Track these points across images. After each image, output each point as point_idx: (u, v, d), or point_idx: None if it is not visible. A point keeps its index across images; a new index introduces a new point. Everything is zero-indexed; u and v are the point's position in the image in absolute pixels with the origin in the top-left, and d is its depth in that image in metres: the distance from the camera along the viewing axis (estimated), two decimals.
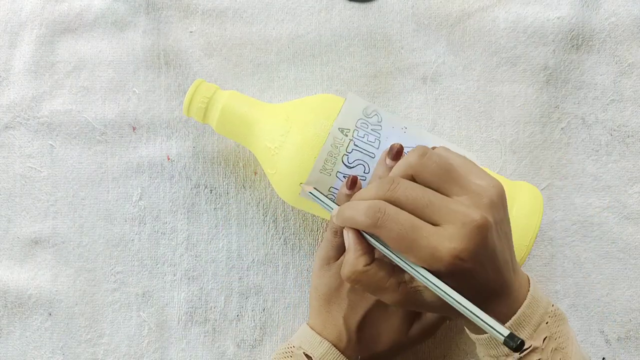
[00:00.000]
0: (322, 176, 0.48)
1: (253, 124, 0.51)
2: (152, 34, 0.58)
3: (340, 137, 0.47)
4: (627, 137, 0.58)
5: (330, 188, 0.48)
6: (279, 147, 0.49)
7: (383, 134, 0.48)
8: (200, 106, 0.51)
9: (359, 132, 0.48)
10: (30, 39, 0.58)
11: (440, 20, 0.58)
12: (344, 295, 0.50)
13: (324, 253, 0.51)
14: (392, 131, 0.48)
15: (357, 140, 0.48)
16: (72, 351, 0.56)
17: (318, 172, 0.48)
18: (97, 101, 0.58)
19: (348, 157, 0.48)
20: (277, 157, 0.49)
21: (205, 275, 0.56)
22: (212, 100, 0.51)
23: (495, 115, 0.58)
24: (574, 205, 0.57)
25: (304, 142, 0.48)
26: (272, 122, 0.50)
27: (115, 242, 0.57)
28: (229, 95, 0.51)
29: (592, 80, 0.58)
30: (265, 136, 0.50)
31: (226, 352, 0.56)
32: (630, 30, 0.58)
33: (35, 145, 0.57)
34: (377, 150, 0.48)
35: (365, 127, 0.48)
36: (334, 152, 0.47)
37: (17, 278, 0.56)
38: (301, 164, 0.48)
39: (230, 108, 0.51)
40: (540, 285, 0.56)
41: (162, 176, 0.57)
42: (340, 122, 0.48)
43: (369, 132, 0.48)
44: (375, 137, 0.48)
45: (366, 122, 0.48)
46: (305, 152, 0.48)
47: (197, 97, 0.51)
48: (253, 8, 0.58)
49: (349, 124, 0.48)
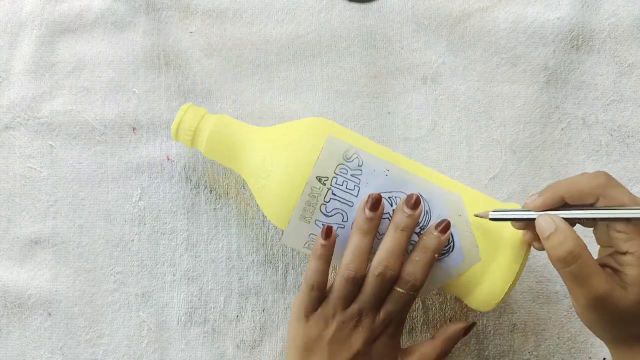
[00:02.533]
0: (301, 223, 0.48)
1: (240, 154, 0.51)
2: (152, 34, 0.58)
3: (318, 186, 0.47)
4: (627, 137, 0.58)
5: (310, 234, 0.49)
6: (260, 188, 0.49)
7: (363, 180, 0.47)
8: (187, 133, 0.51)
9: (337, 179, 0.47)
10: (30, 39, 0.58)
11: (440, 20, 0.58)
12: (324, 345, 0.48)
13: (301, 306, 0.49)
14: (373, 175, 0.47)
15: (335, 189, 0.47)
16: (71, 351, 0.55)
17: (297, 219, 0.48)
18: (97, 101, 0.58)
19: (326, 207, 0.47)
20: (261, 195, 0.49)
21: (205, 276, 0.56)
22: (198, 128, 0.51)
23: (495, 115, 0.58)
24: None
25: (282, 191, 0.48)
26: (255, 161, 0.49)
27: (115, 242, 0.56)
28: (216, 122, 0.51)
29: (592, 81, 0.58)
30: (250, 173, 0.50)
31: (226, 353, 0.56)
32: (630, 30, 0.58)
33: (35, 145, 0.57)
34: (356, 198, 0.47)
35: (345, 173, 0.47)
36: (312, 201, 0.47)
37: (17, 278, 0.56)
38: (282, 209, 0.48)
39: (216, 136, 0.51)
40: (540, 285, 0.56)
41: (162, 176, 0.57)
42: (318, 170, 0.47)
43: (348, 178, 0.47)
44: (355, 184, 0.47)
45: (346, 168, 0.47)
46: (284, 199, 0.48)
47: (183, 125, 0.51)
48: (253, 8, 0.58)
49: (328, 171, 0.47)
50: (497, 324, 0.56)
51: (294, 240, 0.49)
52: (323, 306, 0.48)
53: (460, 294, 0.50)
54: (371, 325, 0.48)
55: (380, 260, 0.47)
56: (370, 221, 0.47)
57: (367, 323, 0.48)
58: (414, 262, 0.47)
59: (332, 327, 0.48)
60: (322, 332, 0.48)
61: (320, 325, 0.48)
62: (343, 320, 0.48)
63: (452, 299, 0.56)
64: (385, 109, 0.58)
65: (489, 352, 0.55)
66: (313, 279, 0.48)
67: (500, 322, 0.56)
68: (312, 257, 0.48)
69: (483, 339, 0.55)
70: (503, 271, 0.47)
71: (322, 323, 0.48)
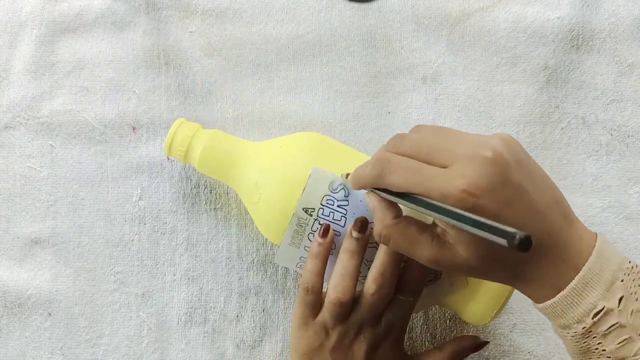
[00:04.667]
0: (291, 248, 0.48)
1: (232, 172, 0.51)
2: (152, 34, 0.58)
3: (305, 217, 0.47)
4: (627, 137, 0.58)
5: (300, 257, 0.49)
6: (253, 209, 0.50)
7: (350, 210, 0.47)
8: (180, 150, 0.51)
9: (324, 210, 0.47)
10: (30, 39, 0.58)
11: (440, 20, 0.58)
12: (326, 354, 0.47)
13: (300, 313, 0.48)
14: (360, 205, 0.47)
15: (322, 219, 0.47)
16: (71, 351, 0.55)
17: (287, 245, 0.48)
18: (97, 101, 0.58)
19: (314, 235, 0.48)
20: (254, 214, 0.50)
21: (205, 276, 0.56)
22: (190, 145, 0.51)
23: (495, 115, 0.58)
24: (574, 205, 0.56)
25: (273, 216, 0.48)
26: (246, 183, 0.50)
27: (115, 242, 0.56)
28: (208, 138, 0.51)
29: (592, 80, 0.58)
30: (242, 192, 0.51)
31: (226, 353, 0.56)
32: (630, 30, 0.58)
33: (35, 145, 0.57)
34: (343, 227, 0.47)
35: (332, 204, 0.47)
36: (300, 230, 0.48)
37: (17, 278, 0.56)
38: (273, 231, 0.49)
39: (208, 153, 0.51)
40: None
41: (162, 176, 0.57)
42: (304, 201, 0.47)
43: (335, 209, 0.47)
44: (342, 215, 0.47)
45: (332, 199, 0.47)
46: (274, 223, 0.48)
47: (176, 141, 0.51)
48: (253, 8, 0.58)
49: (314, 203, 0.47)
50: (497, 324, 0.56)
51: (286, 261, 0.50)
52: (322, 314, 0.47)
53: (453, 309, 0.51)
54: (373, 334, 0.47)
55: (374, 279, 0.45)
56: (357, 242, 0.46)
57: (368, 332, 0.47)
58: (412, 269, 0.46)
59: (334, 337, 0.47)
60: (324, 341, 0.47)
61: (321, 334, 0.47)
62: (344, 330, 0.47)
63: None
64: (385, 108, 0.58)
65: (489, 352, 0.55)
66: (307, 280, 0.47)
67: (500, 322, 0.56)
68: (308, 258, 0.47)
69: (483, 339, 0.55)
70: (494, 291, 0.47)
71: (322, 332, 0.47)
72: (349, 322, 0.47)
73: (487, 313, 0.48)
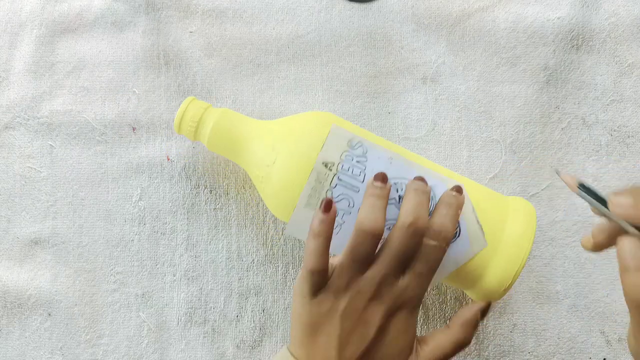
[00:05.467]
0: (306, 210, 0.47)
1: (243, 145, 0.50)
2: (152, 34, 0.58)
3: (324, 171, 0.47)
4: (627, 137, 0.58)
5: None
6: (265, 177, 0.49)
7: (368, 166, 0.47)
8: (191, 125, 0.51)
9: (343, 165, 0.47)
10: (30, 39, 0.58)
11: (440, 20, 0.58)
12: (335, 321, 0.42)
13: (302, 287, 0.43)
14: (378, 162, 0.47)
15: (341, 174, 0.47)
16: (71, 352, 0.55)
17: (303, 206, 0.47)
18: (97, 101, 0.58)
19: (332, 192, 0.47)
20: (265, 185, 0.49)
21: (204, 276, 0.56)
22: (202, 120, 0.51)
23: (495, 115, 0.58)
24: (574, 206, 0.57)
25: (289, 177, 0.47)
26: (259, 149, 0.49)
27: (115, 242, 0.56)
28: (220, 114, 0.51)
29: (592, 81, 0.58)
30: (253, 163, 0.50)
31: (225, 353, 0.56)
32: (630, 30, 0.58)
33: (35, 145, 0.57)
34: (362, 184, 0.47)
35: (350, 160, 0.47)
36: (318, 187, 0.47)
37: (17, 278, 0.56)
38: (287, 196, 0.48)
39: (220, 128, 0.51)
40: (540, 285, 0.56)
41: (162, 176, 0.57)
42: (324, 155, 0.47)
43: (354, 164, 0.47)
44: (360, 170, 0.47)
45: (351, 155, 0.47)
46: (289, 186, 0.47)
47: (187, 116, 0.51)
48: (253, 8, 0.58)
49: (334, 157, 0.47)
50: (497, 324, 0.56)
51: (299, 229, 0.48)
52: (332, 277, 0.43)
53: (466, 285, 0.49)
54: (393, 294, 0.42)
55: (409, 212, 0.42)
56: (381, 189, 0.43)
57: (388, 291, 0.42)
58: (441, 215, 0.44)
59: (346, 298, 0.42)
60: (333, 305, 0.42)
61: (330, 298, 0.42)
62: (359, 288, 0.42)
63: (452, 299, 0.56)
64: (385, 108, 0.58)
65: (489, 352, 0.55)
66: (312, 264, 0.42)
67: (500, 322, 0.56)
68: (310, 237, 0.42)
69: (483, 339, 0.55)
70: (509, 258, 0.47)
71: (332, 296, 0.42)
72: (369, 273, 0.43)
73: (509, 272, 0.47)
